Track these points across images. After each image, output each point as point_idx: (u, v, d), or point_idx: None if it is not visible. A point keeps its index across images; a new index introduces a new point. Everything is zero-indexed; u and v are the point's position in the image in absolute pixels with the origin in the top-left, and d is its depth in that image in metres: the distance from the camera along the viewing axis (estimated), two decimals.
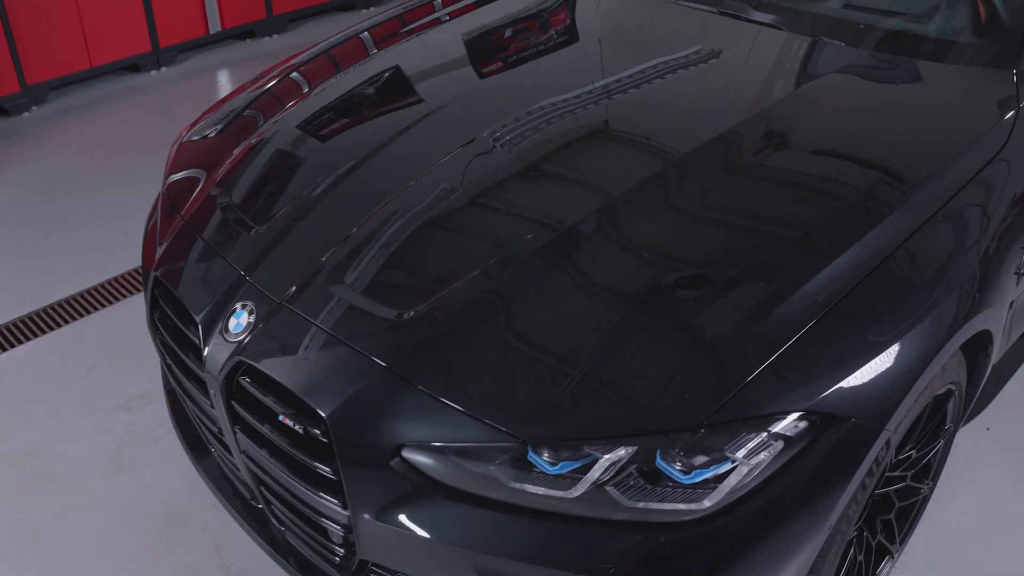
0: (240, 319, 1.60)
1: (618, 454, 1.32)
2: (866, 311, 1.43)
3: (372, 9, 5.76)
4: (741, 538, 1.31)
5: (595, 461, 1.32)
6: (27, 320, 2.86)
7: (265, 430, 1.54)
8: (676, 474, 1.31)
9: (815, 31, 2.10)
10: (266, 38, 5.25)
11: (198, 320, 1.64)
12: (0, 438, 2.40)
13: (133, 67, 4.72)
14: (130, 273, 3.09)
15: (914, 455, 1.77)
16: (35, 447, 2.37)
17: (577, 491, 1.33)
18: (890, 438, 1.46)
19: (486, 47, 2.29)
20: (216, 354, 1.59)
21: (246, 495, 1.84)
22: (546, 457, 1.34)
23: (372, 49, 2.40)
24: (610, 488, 1.32)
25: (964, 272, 1.57)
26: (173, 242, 1.84)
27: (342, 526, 1.52)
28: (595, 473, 1.32)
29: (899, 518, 1.87)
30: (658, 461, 1.31)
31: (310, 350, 1.50)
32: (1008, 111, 1.83)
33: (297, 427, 1.48)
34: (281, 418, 1.51)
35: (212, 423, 1.75)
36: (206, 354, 1.61)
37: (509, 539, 1.35)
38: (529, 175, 1.74)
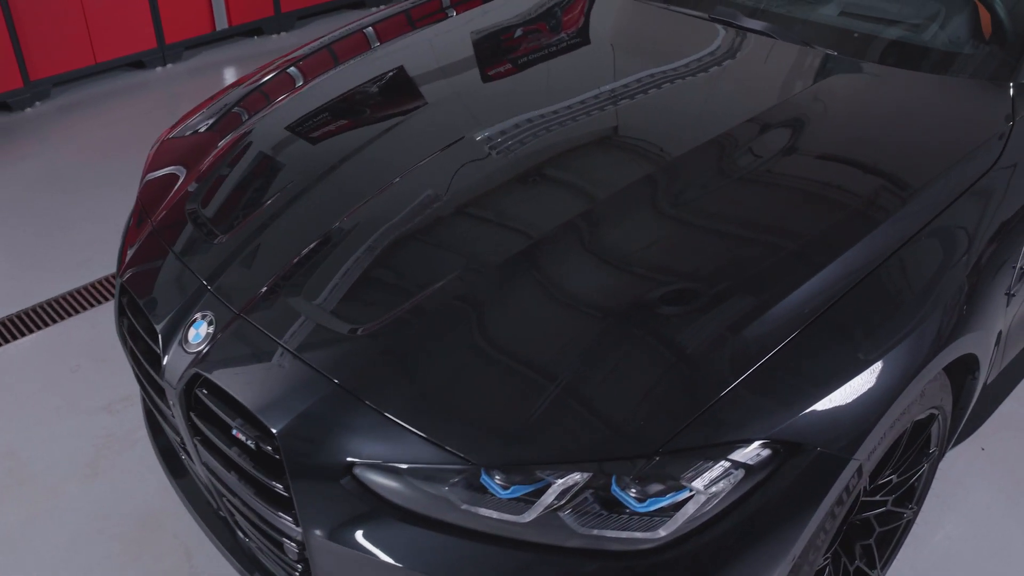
0: (199, 329, 1.57)
1: (573, 479, 1.27)
2: (836, 337, 1.37)
3: (381, 7, 5.73)
4: (698, 568, 1.27)
5: (548, 486, 1.28)
6: (15, 319, 2.86)
7: (221, 443, 1.51)
8: (631, 502, 1.26)
9: (807, 39, 2.04)
10: (273, 35, 5.24)
11: (158, 329, 1.61)
12: None
13: (138, 64, 4.72)
14: None
15: (895, 480, 1.71)
16: (13, 449, 2.36)
17: (530, 516, 1.29)
18: (862, 466, 1.41)
19: (469, 54, 2.24)
20: (175, 364, 1.57)
21: (213, 504, 1.81)
22: (498, 480, 1.30)
23: (357, 53, 2.36)
24: (563, 514, 1.28)
25: (945, 295, 1.51)
26: (141, 247, 1.82)
27: (296, 543, 1.49)
28: (548, 498, 1.28)
29: (880, 543, 1.81)
30: (613, 488, 1.27)
31: (265, 363, 1.46)
32: (1003, 125, 1.76)
33: (250, 442, 1.45)
34: (235, 432, 1.48)
35: (176, 433, 1.73)
36: (165, 364, 1.58)
37: (461, 564, 1.32)
38: (504, 187, 1.69)
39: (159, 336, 1.61)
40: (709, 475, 1.26)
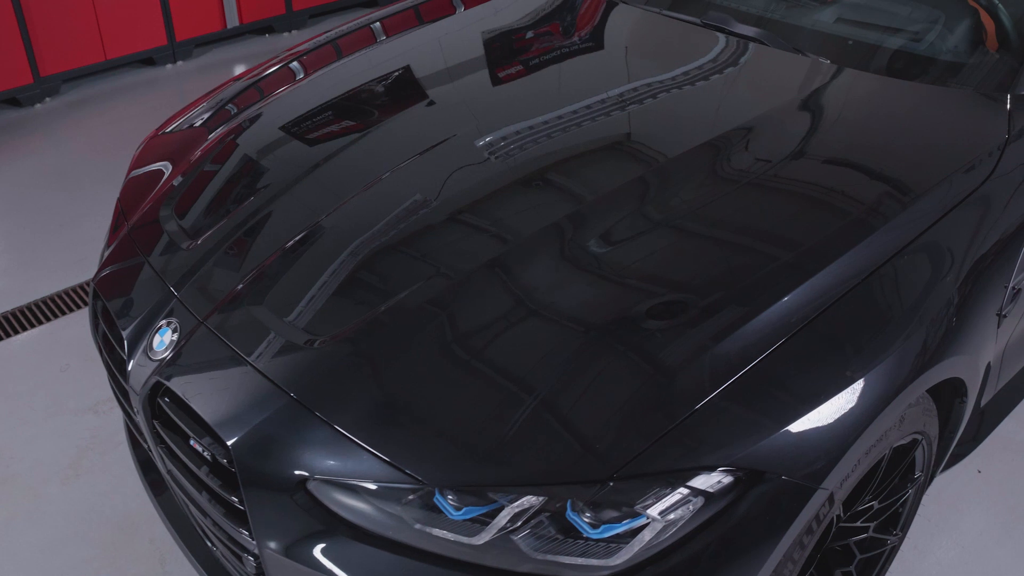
0: (164, 337, 1.55)
1: (527, 502, 1.24)
2: (806, 362, 1.32)
3: (387, 5, 5.71)
4: None
5: (501, 508, 1.24)
6: (10, 316, 2.86)
7: (181, 453, 1.49)
8: (585, 527, 1.22)
9: (799, 47, 1.98)
10: (285, 34, 5.24)
11: (124, 335, 1.60)
12: None
13: (148, 61, 4.74)
14: None
15: (876, 506, 1.65)
16: None
17: (483, 538, 1.25)
18: (833, 494, 1.36)
19: (459, 62, 2.20)
20: (139, 371, 1.55)
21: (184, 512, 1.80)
22: (451, 500, 1.26)
23: (346, 54, 2.34)
24: (517, 537, 1.24)
25: (927, 317, 1.45)
26: (114, 251, 1.80)
27: (253, 556, 1.47)
28: (501, 520, 1.24)
29: (863, 570, 1.76)
30: (568, 512, 1.23)
31: (223, 374, 1.44)
32: (997, 138, 1.70)
33: (206, 453, 1.43)
34: (192, 443, 1.45)
35: (144, 440, 1.71)
36: (129, 370, 1.56)
37: None
38: (475, 201, 1.65)
39: (124, 342, 1.59)
40: (666, 502, 1.21)
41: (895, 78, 1.86)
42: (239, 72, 4.70)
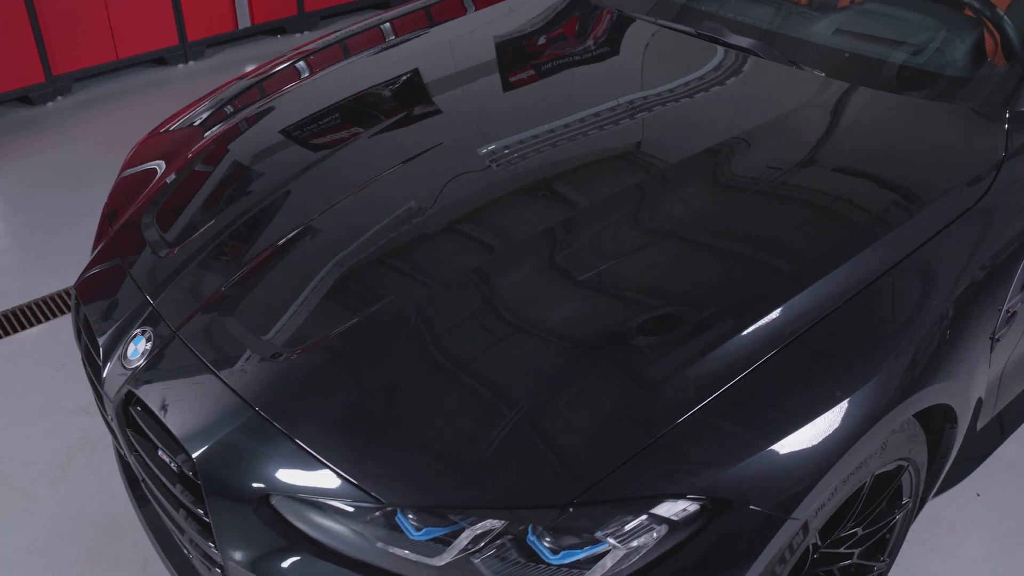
0: (138, 345, 1.54)
1: (488, 524, 1.21)
2: (779, 387, 1.28)
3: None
4: None
5: (462, 530, 1.22)
6: (10, 315, 2.88)
7: (151, 463, 1.48)
8: (545, 552, 1.20)
9: (793, 58, 1.93)
10: (297, 34, 5.24)
11: (100, 342, 1.59)
12: None
13: (160, 60, 4.76)
14: None
15: (860, 532, 1.61)
16: None
17: (444, 559, 1.23)
18: (808, 522, 1.32)
19: (448, 73, 2.17)
20: (112, 379, 1.54)
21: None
22: (412, 520, 1.24)
23: (346, 58, 2.32)
24: (477, 560, 1.22)
25: (911, 343, 1.41)
26: (97, 256, 1.80)
27: (220, 568, 1.45)
28: (462, 542, 1.22)
29: None
30: (529, 537, 1.21)
31: (192, 384, 1.43)
32: (993, 157, 1.65)
33: (173, 464, 1.42)
34: (160, 453, 1.44)
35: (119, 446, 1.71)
36: (104, 378, 1.56)
37: None
38: (456, 217, 1.62)
39: (100, 349, 1.58)
40: (628, 529, 1.18)
41: (892, 92, 1.82)
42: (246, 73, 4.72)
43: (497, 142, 1.79)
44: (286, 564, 1.30)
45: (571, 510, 1.18)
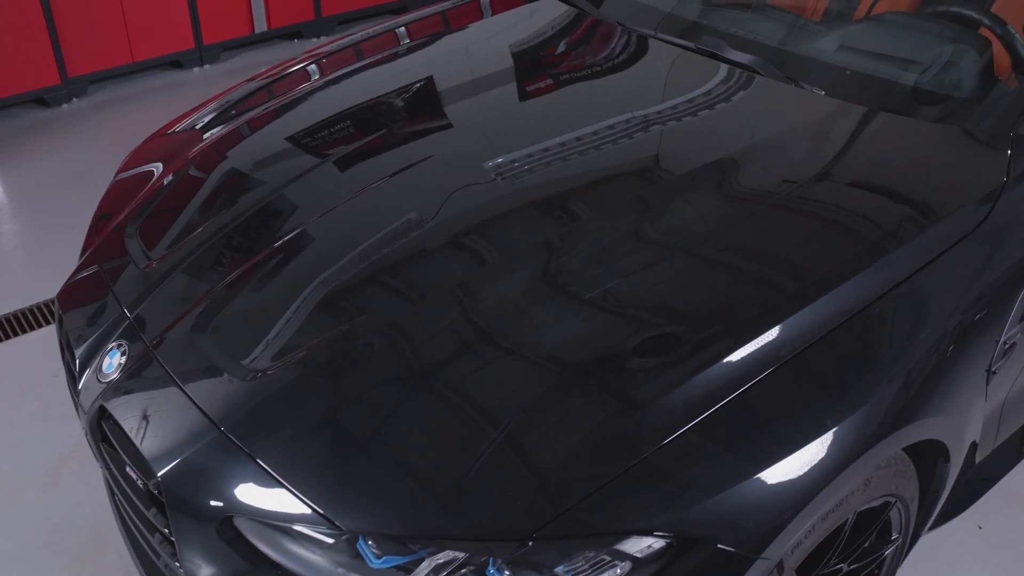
0: (113, 359, 1.53)
1: (448, 555, 1.18)
2: (754, 421, 1.24)
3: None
4: None
5: (422, 559, 1.19)
6: (11, 318, 2.89)
7: (120, 478, 1.47)
8: None
9: (793, 76, 1.88)
10: (313, 39, 5.25)
11: (76, 355, 1.58)
12: None
13: (175, 64, 4.78)
14: None
15: (846, 568, 1.56)
16: None
17: None
18: (783, 561, 1.27)
19: (438, 89, 2.14)
20: (87, 392, 1.53)
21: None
22: (372, 547, 1.22)
23: (353, 64, 2.30)
24: None
25: (899, 374, 1.35)
26: (81, 266, 1.80)
27: None
28: (421, 572, 1.19)
29: None
30: (489, 569, 1.17)
31: (161, 401, 1.41)
32: (994, 181, 1.59)
33: (139, 481, 1.40)
34: (128, 469, 1.43)
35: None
36: (79, 390, 1.55)
37: None
38: (436, 234, 1.59)
39: (76, 361, 1.57)
40: (589, 566, 1.15)
41: (892, 113, 1.76)
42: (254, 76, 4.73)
43: (495, 158, 1.76)
44: None
45: (530, 544, 1.14)
